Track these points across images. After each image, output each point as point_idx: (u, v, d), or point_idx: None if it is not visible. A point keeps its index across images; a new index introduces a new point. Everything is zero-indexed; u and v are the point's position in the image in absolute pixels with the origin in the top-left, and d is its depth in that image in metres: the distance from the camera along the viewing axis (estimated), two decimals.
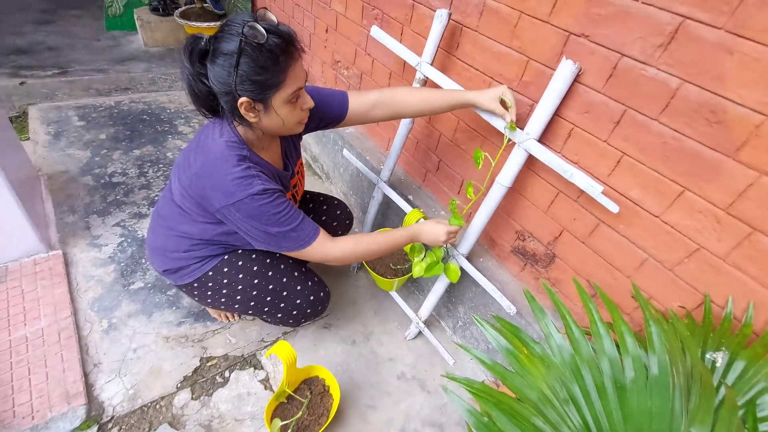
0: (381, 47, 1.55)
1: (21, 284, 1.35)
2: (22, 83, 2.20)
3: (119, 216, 1.73)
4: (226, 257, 1.12)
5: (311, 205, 1.42)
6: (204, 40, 0.79)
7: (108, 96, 2.48)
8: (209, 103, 0.86)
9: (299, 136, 1.16)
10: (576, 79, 0.94)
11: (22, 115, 2.20)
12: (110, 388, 1.20)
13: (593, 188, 0.91)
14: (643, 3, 0.80)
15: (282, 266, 1.18)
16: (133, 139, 2.18)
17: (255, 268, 1.13)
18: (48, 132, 2.10)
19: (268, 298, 1.15)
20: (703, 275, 0.87)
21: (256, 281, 1.13)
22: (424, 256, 1.22)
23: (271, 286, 1.15)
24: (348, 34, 1.72)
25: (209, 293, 1.14)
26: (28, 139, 2.04)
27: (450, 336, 1.54)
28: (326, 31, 1.87)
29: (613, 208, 0.91)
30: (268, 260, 1.16)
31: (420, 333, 1.51)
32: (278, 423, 1.04)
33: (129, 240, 1.63)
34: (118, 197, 1.81)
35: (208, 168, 0.89)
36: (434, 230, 1.08)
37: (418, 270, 1.19)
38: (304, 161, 2.34)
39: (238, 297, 1.14)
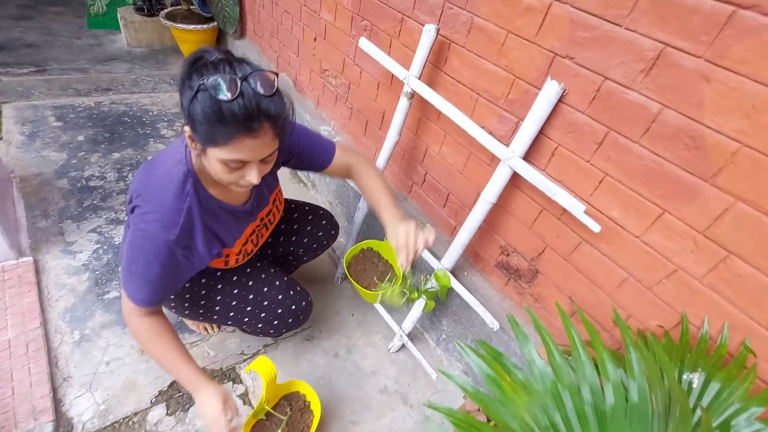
0: (369, 58, 1.54)
1: None
2: None
3: (95, 222, 1.67)
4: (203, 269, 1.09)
5: (296, 215, 1.40)
6: (213, 56, 0.73)
7: (87, 96, 2.41)
8: None
9: (277, 164, 1.11)
10: (560, 100, 0.95)
11: None
12: (80, 403, 1.15)
13: (576, 207, 0.93)
14: (626, 29, 0.82)
15: (263, 275, 1.16)
16: (113, 141, 2.12)
17: (234, 278, 1.11)
18: (23, 132, 2.03)
19: (248, 308, 1.13)
20: (681, 295, 0.88)
21: (236, 291, 1.11)
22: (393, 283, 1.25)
23: (251, 296, 1.12)
24: (336, 44, 1.72)
25: (186, 304, 1.11)
26: (1, 138, 1.96)
27: (433, 349, 1.54)
28: (315, 39, 1.87)
29: (595, 227, 0.92)
30: (248, 269, 1.14)
31: (403, 346, 1.50)
32: None
33: (105, 247, 1.58)
34: (94, 202, 1.75)
35: (147, 188, 0.87)
36: (209, 409, 0.90)
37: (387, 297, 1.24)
38: (288, 169, 2.32)
39: (217, 308, 1.11)
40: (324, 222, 1.44)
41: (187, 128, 0.76)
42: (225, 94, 0.68)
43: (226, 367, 1.32)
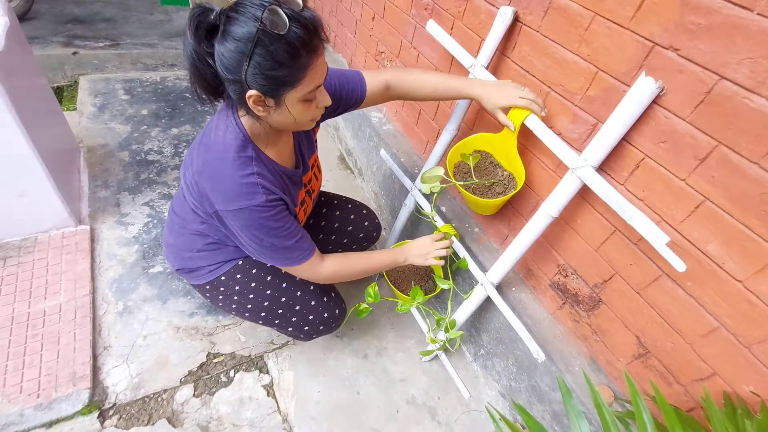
0: (428, 41, 1.41)
1: (47, 256, 1.37)
2: (74, 53, 2.25)
3: (149, 195, 1.72)
4: (240, 263, 1.06)
5: (338, 212, 1.33)
6: (214, 13, 0.66)
7: (155, 71, 2.50)
8: (212, 85, 0.74)
9: (315, 127, 1.07)
10: (655, 101, 0.77)
11: (73, 84, 2.25)
12: (116, 373, 1.19)
13: (657, 238, 0.75)
14: (759, 14, 0.62)
15: (298, 278, 1.10)
16: (173, 117, 2.18)
17: (269, 278, 1.07)
18: (94, 104, 2.14)
19: (280, 311, 1.09)
20: None
21: (268, 291, 1.07)
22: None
23: (284, 299, 1.08)
24: (395, 24, 1.59)
25: (221, 297, 1.09)
26: (75, 109, 2.08)
27: (470, 362, 1.42)
28: (373, 18, 1.75)
29: (680, 266, 0.74)
30: (284, 270, 1.09)
31: (437, 356, 1.40)
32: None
33: (155, 221, 1.63)
34: (150, 176, 1.81)
35: (209, 168, 0.82)
36: (420, 243, 1.12)
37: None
38: (338, 153, 2.27)
39: (249, 306, 1.08)
40: (366, 223, 1.36)
41: (252, 93, 0.70)
42: (285, 24, 0.64)
43: (254, 355, 1.31)
